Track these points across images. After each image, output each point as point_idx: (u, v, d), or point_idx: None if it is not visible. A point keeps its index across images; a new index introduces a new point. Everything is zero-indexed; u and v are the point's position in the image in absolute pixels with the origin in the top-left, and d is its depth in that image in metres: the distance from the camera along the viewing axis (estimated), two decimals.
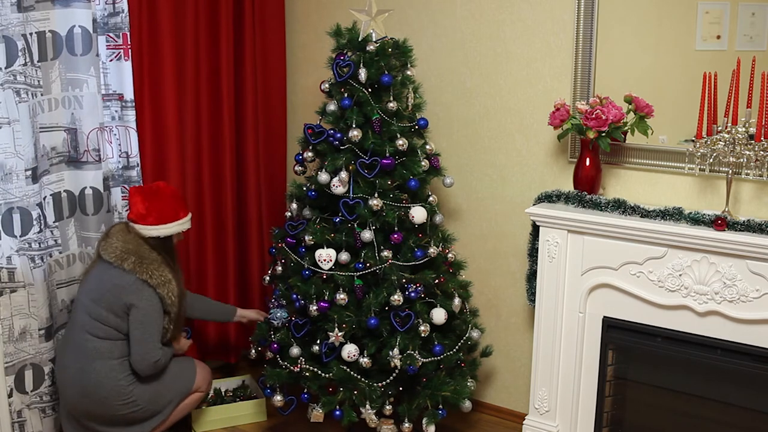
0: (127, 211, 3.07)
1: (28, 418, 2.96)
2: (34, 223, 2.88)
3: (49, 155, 2.98)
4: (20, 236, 2.84)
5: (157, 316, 2.81)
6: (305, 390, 3.03)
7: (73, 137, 3.04)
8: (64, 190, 3.06)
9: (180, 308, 2.91)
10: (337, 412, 2.92)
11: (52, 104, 2.96)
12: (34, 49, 2.84)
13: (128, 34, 3.09)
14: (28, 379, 2.94)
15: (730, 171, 2.67)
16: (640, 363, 2.95)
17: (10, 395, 2.87)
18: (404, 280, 2.92)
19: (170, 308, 2.85)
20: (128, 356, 2.81)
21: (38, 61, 2.86)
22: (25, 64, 2.80)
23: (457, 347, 3.06)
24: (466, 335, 3.12)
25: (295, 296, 3.02)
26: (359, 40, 2.97)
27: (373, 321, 2.86)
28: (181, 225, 2.95)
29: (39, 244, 2.91)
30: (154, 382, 2.88)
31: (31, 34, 2.82)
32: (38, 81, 2.87)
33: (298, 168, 3.17)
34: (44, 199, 2.95)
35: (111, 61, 3.12)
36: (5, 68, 2.73)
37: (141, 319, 2.78)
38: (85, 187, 3.10)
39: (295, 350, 3.00)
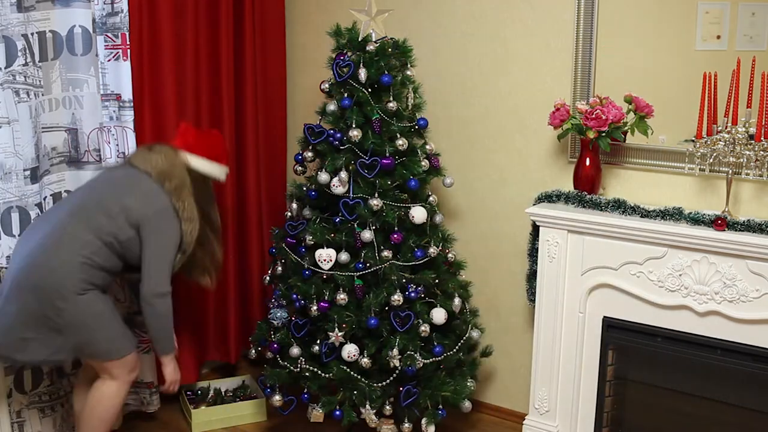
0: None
1: (28, 418, 2.96)
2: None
3: (50, 155, 2.98)
4: (18, 236, 2.84)
5: (174, 249, 2.67)
6: (305, 390, 3.03)
7: (73, 137, 3.04)
8: (65, 191, 3.06)
9: (195, 251, 2.77)
10: (337, 412, 2.92)
11: (53, 104, 2.96)
12: (35, 49, 2.84)
13: (127, 34, 3.09)
14: (27, 379, 2.94)
15: (730, 171, 2.67)
16: (640, 363, 2.95)
17: (9, 395, 2.87)
18: (404, 280, 2.92)
19: (185, 246, 2.70)
20: (103, 265, 2.56)
21: (39, 61, 2.86)
22: (25, 64, 2.80)
23: (457, 347, 3.06)
24: (466, 335, 3.12)
25: (295, 296, 3.02)
26: (359, 40, 2.97)
27: (373, 321, 2.86)
28: (221, 170, 2.91)
29: None
30: (96, 316, 2.56)
31: (32, 34, 2.82)
32: (39, 81, 2.87)
33: (298, 168, 3.17)
34: (44, 199, 2.95)
35: (109, 61, 3.11)
36: (5, 68, 2.73)
37: (159, 246, 2.62)
38: None
39: (295, 350, 3.00)
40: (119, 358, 2.70)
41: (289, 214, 3.20)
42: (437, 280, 3.01)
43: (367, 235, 2.90)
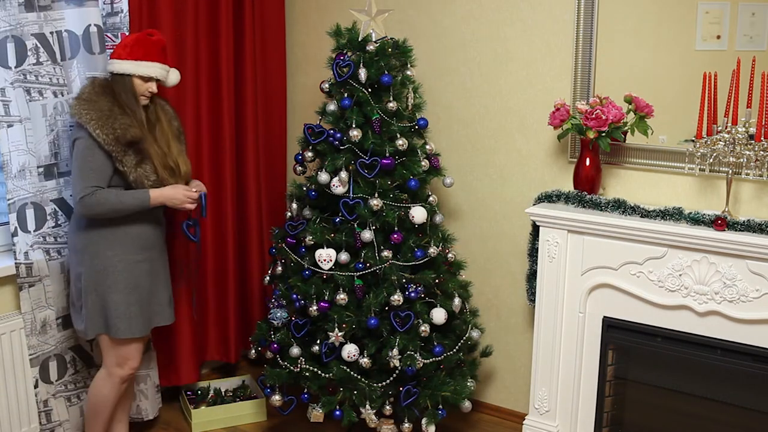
0: None
1: (54, 407, 3.02)
2: (48, 218, 2.91)
3: None
4: (34, 231, 2.88)
5: (87, 155, 2.64)
6: (305, 390, 3.03)
7: None
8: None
9: (144, 143, 2.72)
10: (337, 412, 2.92)
11: None
12: (56, 48, 2.86)
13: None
14: (53, 369, 2.99)
15: (730, 171, 2.67)
16: (640, 363, 2.95)
17: (36, 386, 2.94)
18: (404, 280, 2.92)
19: (109, 147, 2.62)
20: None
21: (61, 60, 2.89)
22: (38, 63, 2.82)
23: (457, 347, 3.06)
24: (466, 335, 3.12)
25: (295, 296, 3.02)
26: (359, 40, 2.97)
27: (373, 321, 2.86)
28: (136, 66, 2.66)
29: (55, 238, 2.94)
30: (98, 287, 2.74)
31: (52, 33, 2.85)
32: (57, 80, 2.89)
33: (298, 168, 3.17)
34: (70, 195, 2.97)
35: None
36: (15, 67, 2.76)
37: (73, 159, 2.69)
38: None
39: (295, 350, 3.00)
40: (109, 336, 2.79)
41: (289, 214, 3.20)
42: (437, 280, 3.01)
43: (367, 235, 2.90)
